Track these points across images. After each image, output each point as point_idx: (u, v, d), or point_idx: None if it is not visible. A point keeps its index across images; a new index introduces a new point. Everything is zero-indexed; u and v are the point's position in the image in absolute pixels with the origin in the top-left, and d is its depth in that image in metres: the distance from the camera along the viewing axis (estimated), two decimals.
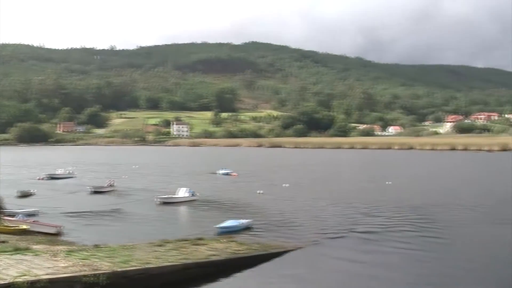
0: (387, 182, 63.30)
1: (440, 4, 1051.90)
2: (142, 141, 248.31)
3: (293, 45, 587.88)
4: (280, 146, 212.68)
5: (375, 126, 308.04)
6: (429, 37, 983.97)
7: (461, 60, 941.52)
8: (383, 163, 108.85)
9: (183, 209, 43.33)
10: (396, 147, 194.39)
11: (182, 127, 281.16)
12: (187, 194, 46.51)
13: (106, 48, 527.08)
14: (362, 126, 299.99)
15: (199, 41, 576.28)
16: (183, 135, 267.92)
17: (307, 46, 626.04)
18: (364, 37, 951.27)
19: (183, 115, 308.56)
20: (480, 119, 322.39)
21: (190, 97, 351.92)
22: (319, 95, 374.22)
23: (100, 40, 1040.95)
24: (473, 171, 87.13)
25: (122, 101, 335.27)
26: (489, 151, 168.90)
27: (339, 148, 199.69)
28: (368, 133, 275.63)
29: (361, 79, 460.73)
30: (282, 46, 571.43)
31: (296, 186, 59.72)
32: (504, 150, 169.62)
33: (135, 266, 20.86)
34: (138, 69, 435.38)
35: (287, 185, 60.28)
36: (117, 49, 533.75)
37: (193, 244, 25.60)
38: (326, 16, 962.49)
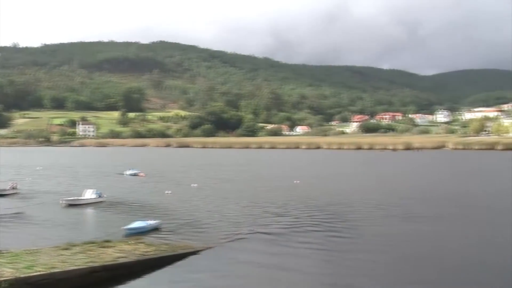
0: (295, 181, 64.00)
1: (347, 6, 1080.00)
2: (47, 141, 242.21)
3: (201, 45, 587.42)
4: (188, 146, 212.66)
5: (283, 126, 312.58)
6: (336, 38, 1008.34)
7: (367, 61, 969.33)
8: (291, 163, 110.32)
9: (89, 211, 42.27)
10: (303, 147, 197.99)
11: (88, 127, 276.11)
12: (93, 196, 45.49)
13: (8, 45, 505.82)
14: (270, 126, 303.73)
15: (106, 40, 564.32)
16: (89, 136, 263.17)
17: (215, 46, 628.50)
18: (273, 38, 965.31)
19: (89, 115, 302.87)
20: (385, 119, 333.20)
21: (97, 97, 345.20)
22: (227, 95, 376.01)
23: (1, 36, 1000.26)
24: (379, 170, 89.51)
25: (26, 100, 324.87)
26: (393, 150, 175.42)
27: (247, 148, 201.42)
28: (276, 133, 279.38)
29: (269, 79, 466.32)
30: (191, 46, 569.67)
31: (205, 186, 59.56)
32: (408, 149, 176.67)
33: (40, 271, 20.18)
34: (43, 67, 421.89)
35: (195, 185, 60.07)
36: (20, 46, 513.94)
37: (100, 247, 25.08)
38: (235, 16, 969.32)
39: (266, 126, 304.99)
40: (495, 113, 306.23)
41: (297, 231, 32.09)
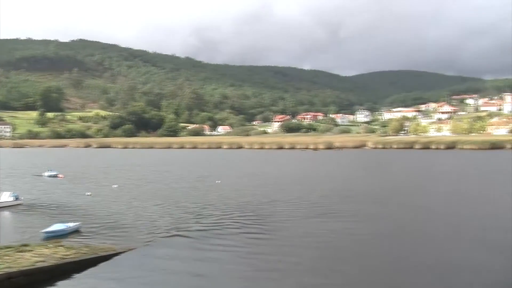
0: (216, 181, 64.16)
1: (270, 7, 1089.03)
2: None
3: (122, 44, 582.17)
4: (109, 147, 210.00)
5: (205, 126, 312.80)
6: (259, 38, 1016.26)
7: (289, 62, 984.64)
8: (213, 163, 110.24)
9: (6, 214, 40.74)
10: (225, 147, 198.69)
11: (5, 127, 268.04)
12: (10, 199, 44.00)
13: None
14: (191, 126, 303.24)
15: (23, 37, 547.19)
16: (5, 136, 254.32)
17: (136, 45, 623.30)
18: (195, 38, 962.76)
19: (5, 115, 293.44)
20: (306, 119, 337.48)
21: (13, 96, 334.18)
22: (148, 95, 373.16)
23: None
24: (300, 169, 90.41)
25: None
26: (314, 149, 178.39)
27: (169, 148, 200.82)
28: (197, 133, 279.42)
29: (191, 79, 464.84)
30: (111, 45, 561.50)
31: (126, 187, 58.82)
32: (329, 148, 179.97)
33: None
34: None
35: (116, 186, 59.28)
36: None
37: (18, 251, 24.26)
38: (157, 15, 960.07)
39: (188, 126, 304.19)
40: (413, 113, 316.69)
41: (218, 233, 31.97)
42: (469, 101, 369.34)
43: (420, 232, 32.66)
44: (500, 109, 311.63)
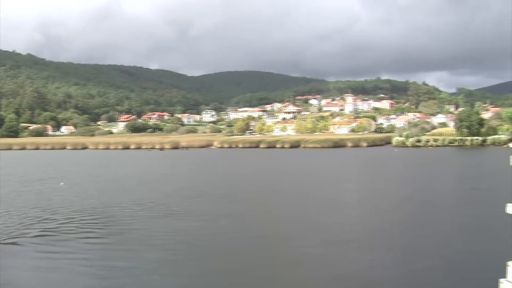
0: (61, 183, 61.91)
1: (119, 4, 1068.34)
2: None
3: None
4: None
5: (48, 126, 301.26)
6: (106, 36, 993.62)
7: (136, 61, 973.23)
8: (57, 164, 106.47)
9: None
10: (69, 147, 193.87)
11: None
12: None
13: None
14: (33, 126, 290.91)
15: None
16: None
17: None
18: (40, 34, 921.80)
19: None
20: (152, 118, 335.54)
21: None
22: None
23: None
24: (145, 169, 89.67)
25: None
26: (161, 149, 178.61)
27: (10, 149, 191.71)
28: (40, 133, 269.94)
29: (33, 78, 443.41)
30: None
31: None
32: (175, 148, 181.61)
33: None
34: None
35: None
36: None
37: None
38: None
39: (30, 126, 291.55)
40: (259, 113, 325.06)
41: (56, 239, 30.52)
42: (313, 101, 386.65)
43: (271, 231, 33.36)
44: (341, 109, 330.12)
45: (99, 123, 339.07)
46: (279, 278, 23.06)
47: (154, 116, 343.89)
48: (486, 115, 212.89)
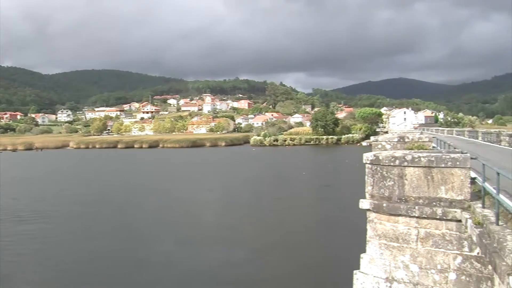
0: None
1: None
2: None
3: None
4: None
5: None
6: None
7: None
8: None
9: None
10: None
11: None
12: None
13: None
14: None
15: None
16: None
17: None
18: None
19: None
20: (3, 118, 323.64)
21: None
22: None
23: None
24: None
25: None
26: (13, 150, 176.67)
27: None
28: None
29: None
30: None
31: None
32: (29, 149, 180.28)
33: None
34: None
35: None
36: None
37: None
38: None
39: None
40: (117, 113, 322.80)
41: None
42: (172, 101, 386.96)
43: (123, 232, 35.21)
44: (200, 109, 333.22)
45: None
46: (131, 278, 24.17)
47: (6, 116, 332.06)
48: (340, 115, 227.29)
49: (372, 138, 23.14)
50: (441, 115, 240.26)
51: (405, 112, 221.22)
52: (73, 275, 25.10)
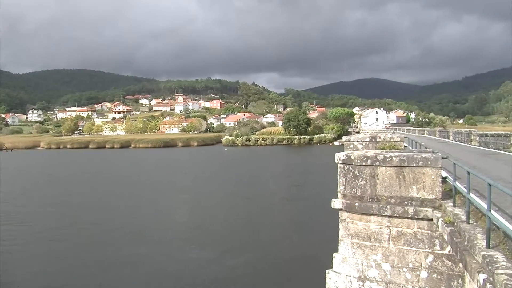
0: None
1: None
2: None
3: None
4: None
5: None
6: None
7: None
8: None
9: None
10: None
11: None
12: None
13: None
14: None
15: None
16: None
17: None
18: None
19: None
20: None
21: None
22: None
23: None
24: None
25: None
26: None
27: None
28: None
29: None
30: None
31: None
32: None
33: None
34: None
35: None
36: None
37: None
38: None
39: None
40: (88, 113, 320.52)
41: None
42: (143, 101, 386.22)
43: (95, 233, 34.66)
44: (172, 109, 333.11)
45: None
46: (98, 279, 24.05)
47: None
48: (313, 115, 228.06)
49: (344, 138, 23.21)
50: (412, 115, 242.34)
51: (377, 112, 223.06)
52: (40, 277, 24.93)
